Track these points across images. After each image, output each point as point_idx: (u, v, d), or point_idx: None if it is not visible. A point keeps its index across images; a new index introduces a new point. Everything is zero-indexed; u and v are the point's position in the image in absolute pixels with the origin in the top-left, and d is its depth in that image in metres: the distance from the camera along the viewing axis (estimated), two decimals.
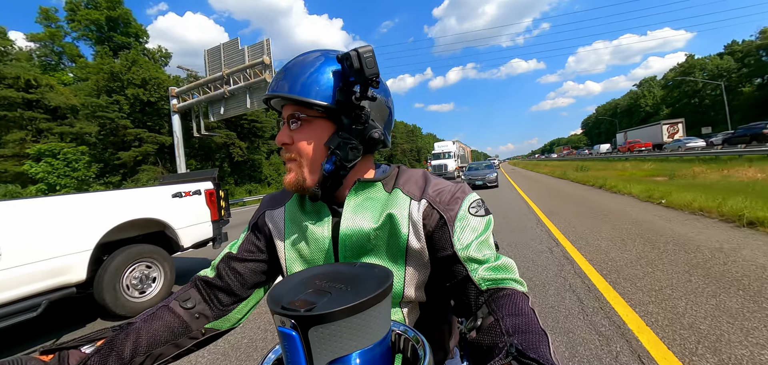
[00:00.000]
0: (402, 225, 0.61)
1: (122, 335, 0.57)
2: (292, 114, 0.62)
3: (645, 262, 3.56)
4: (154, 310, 0.63)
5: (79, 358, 0.54)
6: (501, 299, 0.52)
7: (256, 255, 0.71)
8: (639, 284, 3.03)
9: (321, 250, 0.65)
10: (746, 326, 2.20)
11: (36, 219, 2.83)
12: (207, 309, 0.66)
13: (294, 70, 0.61)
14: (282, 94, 0.61)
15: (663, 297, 2.75)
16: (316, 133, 0.62)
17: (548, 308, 2.76)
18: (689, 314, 2.44)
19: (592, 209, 7.15)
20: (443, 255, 0.59)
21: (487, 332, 0.49)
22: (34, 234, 2.80)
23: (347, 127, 0.61)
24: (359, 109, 0.60)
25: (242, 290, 0.69)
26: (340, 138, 0.61)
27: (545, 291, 3.09)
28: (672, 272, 3.21)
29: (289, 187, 0.65)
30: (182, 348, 0.63)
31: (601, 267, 3.55)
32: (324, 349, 0.35)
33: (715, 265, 3.28)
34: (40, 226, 2.85)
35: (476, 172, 15.99)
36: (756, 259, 3.31)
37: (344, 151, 0.61)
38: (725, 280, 2.91)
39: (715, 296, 2.66)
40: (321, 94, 0.59)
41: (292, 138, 0.63)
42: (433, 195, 0.63)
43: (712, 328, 2.23)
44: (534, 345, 0.43)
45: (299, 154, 0.63)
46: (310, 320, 0.34)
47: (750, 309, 2.41)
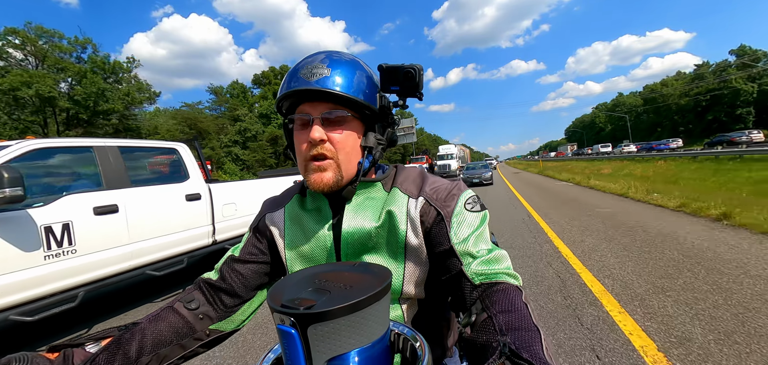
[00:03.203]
0: (400, 222, 0.62)
1: (128, 334, 0.58)
2: (329, 112, 0.61)
3: (560, 208, 7.78)
4: (158, 311, 0.64)
5: (84, 357, 0.54)
6: (494, 294, 0.52)
7: (258, 257, 0.72)
8: (553, 217, 6.73)
9: (323, 249, 0.66)
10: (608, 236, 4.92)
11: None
12: (211, 310, 0.67)
13: (340, 69, 0.61)
14: (339, 91, 0.59)
15: (571, 227, 5.68)
16: (352, 133, 0.63)
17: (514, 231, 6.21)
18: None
19: (540, 187, 13.83)
20: (440, 249, 0.60)
21: (481, 329, 0.49)
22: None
23: (380, 129, 0.66)
24: (391, 113, 0.68)
25: (245, 291, 0.70)
26: (375, 139, 0.65)
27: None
28: (574, 213, 6.97)
29: (325, 187, 0.62)
30: (187, 350, 0.63)
31: (538, 210, 7.78)
32: (323, 347, 0.36)
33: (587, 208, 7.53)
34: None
35: (473, 171, 18.90)
36: (606, 207, 7.29)
37: (377, 150, 0.66)
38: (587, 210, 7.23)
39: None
40: (369, 97, 0.63)
41: (327, 135, 0.61)
42: (430, 192, 0.65)
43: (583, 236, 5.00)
44: (527, 344, 0.43)
45: (337, 150, 0.62)
46: (309, 318, 0.35)
47: (607, 225, 5.58)
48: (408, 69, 0.63)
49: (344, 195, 0.65)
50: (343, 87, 0.59)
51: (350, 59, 0.64)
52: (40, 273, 2.39)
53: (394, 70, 0.64)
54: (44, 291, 2.42)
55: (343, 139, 0.62)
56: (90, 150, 2.91)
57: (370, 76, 0.65)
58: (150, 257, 3.19)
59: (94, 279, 2.72)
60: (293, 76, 0.61)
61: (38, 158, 2.60)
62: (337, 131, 0.62)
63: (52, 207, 2.49)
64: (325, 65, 0.60)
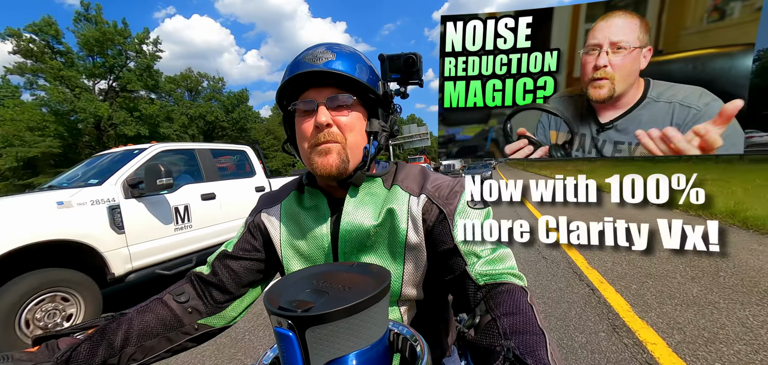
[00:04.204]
0: (401, 221, 0.61)
1: (114, 324, 0.58)
2: (335, 96, 0.60)
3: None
4: (147, 302, 0.64)
5: (69, 343, 0.54)
6: (498, 296, 0.51)
7: (252, 253, 0.71)
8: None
9: (320, 247, 0.65)
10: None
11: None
12: (200, 304, 0.66)
13: (344, 54, 0.61)
14: (347, 73, 0.59)
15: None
16: (357, 118, 0.63)
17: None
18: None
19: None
20: (443, 248, 0.59)
21: (485, 332, 0.48)
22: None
23: (383, 117, 0.67)
24: (393, 102, 0.69)
25: (236, 288, 0.69)
26: (380, 125, 0.65)
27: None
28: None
29: (330, 171, 0.60)
30: (175, 343, 0.63)
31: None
32: (321, 350, 0.35)
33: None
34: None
35: (474, 169, 20.93)
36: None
37: (382, 137, 0.66)
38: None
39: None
40: (373, 83, 0.63)
41: (333, 120, 0.61)
42: (431, 190, 0.64)
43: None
44: (531, 348, 0.42)
45: (344, 134, 0.61)
46: (308, 320, 0.34)
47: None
48: (409, 55, 0.65)
49: (353, 182, 0.64)
50: (348, 70, 0.60)
51: (351, 49, 0.65)
52: (173, 241, 3.29)
53: (396, 58, 0.66)
54: (175, 253, 3.32)
55: (349, 122, 0.61)
56: (192, 151, 3.86)
57: (370, 65, 0.66)
58: (235, 234, 3.57)
59: (202, 248, 3.58)
60: (297, 63, 0.61)
61: (163, 157, 3.45)
62: (342, 114, 0.61)
63: (178, 193, 3.38)
64: (330, 50, 0.61)
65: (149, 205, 3.10)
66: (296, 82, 0.61)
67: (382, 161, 0.75)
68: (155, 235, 3.12)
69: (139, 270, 3.03)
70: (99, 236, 2.75)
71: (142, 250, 3.03)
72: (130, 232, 2.94)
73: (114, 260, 2.84)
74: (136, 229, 2.98)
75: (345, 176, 0.62)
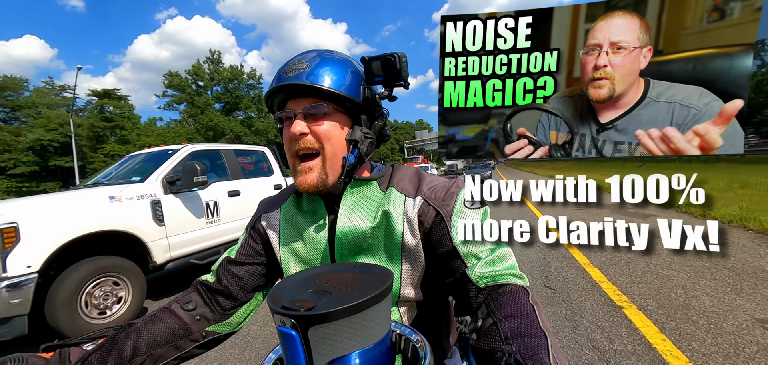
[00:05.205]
0: (397, 223, 0.62)
1: (123, 334, 0.58)
2: (311, 106, 0.61)
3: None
4: (155, 312, 0.65)
5: (80, 355, 0.55)
6: (500, 297, 0.51)
7: (254, 258, 0.71)
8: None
9: (317, 250, 0.66)
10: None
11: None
12: (207, 312, 0.67)
13: (318, 64, 0.61)
14: (316, 84, 0.59)
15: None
16: (336, 127, 0.63)
17: None
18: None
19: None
20: (442, 250, 0.59)
21: (487, 336, 0.48)
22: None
23: (366, 123, 0.65)
24: (379, 106, 0.66)
25: (242, 293, 0.69)
26: (362, 132, 0.64)
27: None
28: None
29: (310, 188, 0.62)
30: (183, 351, 0.63)
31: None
32: (324, 349, 0.36)
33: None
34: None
35: (474, 169, 22.21)
36: None
37: (364, 144, 0.64)
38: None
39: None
40: (350, 90, 0.62)
41: (310, 129, 0.62)
42: (427, 192, 0.63)
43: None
44: (533, 352, 0.42)
45: (321, 144, 0.62)
46: (311, 319, 0.35)
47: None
48: (387, 57, 0.61)
49: (332, 191, 0.65)
50: (320, 81, 0.60)
51: (331, 55, 0.64)
52: (204, 233, 3.62)
53: (375, 60, 0.63)
54: (206, 245, 3.65)
55: (326, 131, 0.62)
56: (219, 152, 4.15)
57: (355, 70, 0.64)
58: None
59: (229, 240, 3.84)
60: (277, 76, 0.63)
61: (194, 158, 3.72)
62: (319, 123, 0.62)
63: (208, 190, 3.69)
64: (304, 61, 0.61)
65: (185, 200, 3.44)
66: (279, 93, 0.64)
67: (377, 164, 0.75)
68: (190, 228, 3.47)
69: (176, 260, 3.34)
70: (144, 228, 3.05)
71: (179, 241, 3.35)
72: (170, 225, 3.25)
73: (156, 249, 3.13)
74: (174, 222, 3.29)
75: (325, 190, 0.64)
